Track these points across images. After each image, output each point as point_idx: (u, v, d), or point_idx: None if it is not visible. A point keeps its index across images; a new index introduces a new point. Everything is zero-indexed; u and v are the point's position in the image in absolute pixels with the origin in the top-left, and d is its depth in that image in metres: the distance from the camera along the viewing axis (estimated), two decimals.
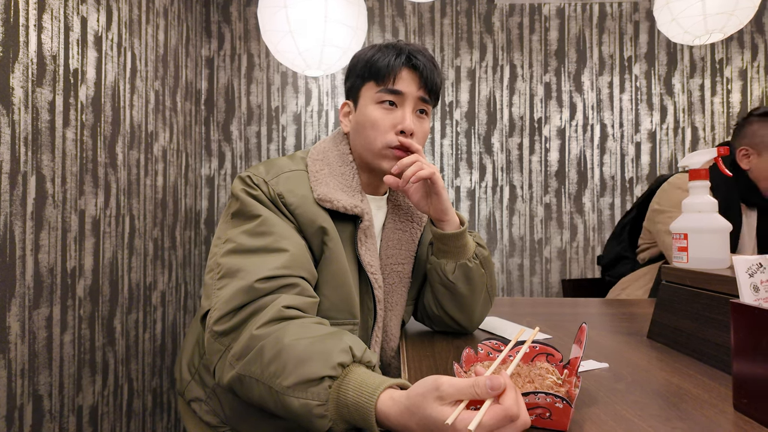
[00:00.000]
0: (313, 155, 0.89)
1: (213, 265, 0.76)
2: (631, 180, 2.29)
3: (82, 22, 1.45)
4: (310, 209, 0.80)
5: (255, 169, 0.85)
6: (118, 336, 1.62)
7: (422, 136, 0.87)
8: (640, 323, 1.06)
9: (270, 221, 0.76)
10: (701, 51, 2.29)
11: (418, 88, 0.85)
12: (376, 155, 0.85)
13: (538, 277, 2.28)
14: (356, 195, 0.85)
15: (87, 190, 1.46)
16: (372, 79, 0.86)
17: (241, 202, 0.79)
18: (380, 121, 0.84)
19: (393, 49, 0.86)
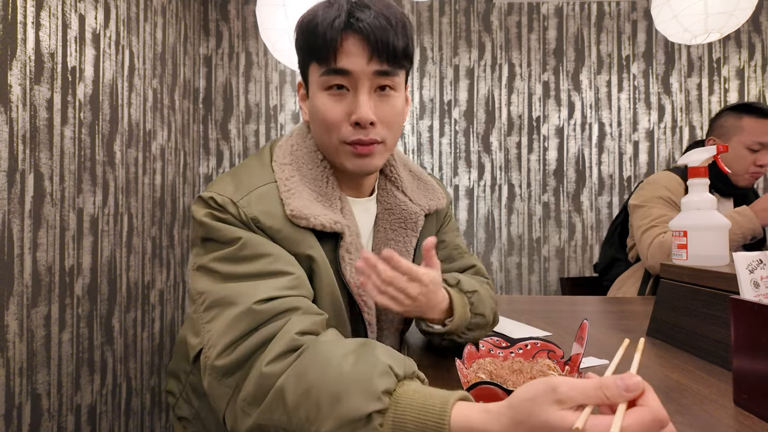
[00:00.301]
0: (279, 158, 0.71)
1: (194, 295, 0.63)
2: (629, 179, 2.30)
3: (80, 19, 1.44)
4: (294, 234, 0.66)
5: (218, 185, 0.67)
6: (116, 335, 1.61)
7: (391, 118, 0.68)
8: (639, 320, 1.06)
9: (253, 242, 0.63)
10: (699, 50, 2.30)
11: (370, 59, 0.64)
12: (333, 153, 0.70)
13: (536, 276, 2.29)
14: (335, 204, 0.71)
15: (85, 188, 1.46)
16: (313, 58, 0.67)
17: (207, 228, 0.64)
18: (329, 112, 0.67)
19: (330, 8, 0.65)
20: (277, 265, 0.61)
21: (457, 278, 0.78)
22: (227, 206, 0.64)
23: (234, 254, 0.61)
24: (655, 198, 1.49)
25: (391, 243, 0.79)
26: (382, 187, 0.81)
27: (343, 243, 0.70)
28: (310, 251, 0.67)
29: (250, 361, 0.55)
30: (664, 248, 1.38)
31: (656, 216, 1.45)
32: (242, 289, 0.58)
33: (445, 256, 0.90)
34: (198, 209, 0.66)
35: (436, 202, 0.84)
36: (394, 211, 0.79)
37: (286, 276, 0.61)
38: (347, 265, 0.71)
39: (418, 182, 0.85)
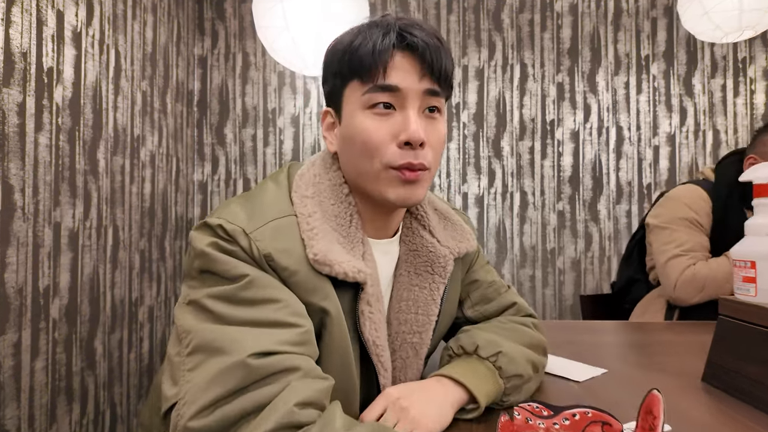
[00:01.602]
0: (300, 189, 0.62)
1: (180, 333, 0.54)
2: (649, 186, 2.16)
3: (58, 16, 1.32)
4: (309, 279, 0.57)
5: (228, 211, 0.58)
6: (99, 358, 1.49)
7: (437, 144, 0.61)
8: (686, 358, 0.93)
9: (261, 282, 0.53)
10: (723, 49, 2.17)
11: (421, 77, 0.59)
12: (373, 181, 0.60)
13: (550, 289, 2.15)
14: (357, 247, 0.62)
15: (63, 200, 1.33)
16: (355, 76, 0.60)
17: (209, 260, 0.55)
18: (374, 133, 0.58)
19: (378, 28, 0.59)
20: (285, 313, 0.52)
21: (475, 341, 0.67)
22: (237, 237, 0.55)
23: (235, 293, 0.52)
24: (678, 219, 1.34)
25: (414, 289, 0.68)
26: (407, 225, 0.71)
27: (363, 294, 0.60)
28: (325, 303, 0.57)
29: (233, 431, 0.46)
30: (696, 283, 1.24)
31: (682, 242, 1.30)
32: (237, 336, 0.49)
33: (480, 298, 0.79)
34: (200, 237, 0.56)
35: (466, 245, 0.73)
36: (420, 253, 0.69)
37: (292, 328, 0.52)
38: (366, 319, 0.61)
39: (445, 222, 0.74)
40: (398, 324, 0.67)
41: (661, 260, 1.32)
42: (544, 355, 0.75)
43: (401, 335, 0.67)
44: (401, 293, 0.68)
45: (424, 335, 0.68)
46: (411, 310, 0.67)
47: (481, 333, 0.69)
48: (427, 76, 0.59)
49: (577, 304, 2.14)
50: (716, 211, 1.33)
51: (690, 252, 1.28)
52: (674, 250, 1.30)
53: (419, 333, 0.67)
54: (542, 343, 0.75)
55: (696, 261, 1.27)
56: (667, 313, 1.36)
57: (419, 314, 0.67)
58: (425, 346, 0.69)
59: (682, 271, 1.27)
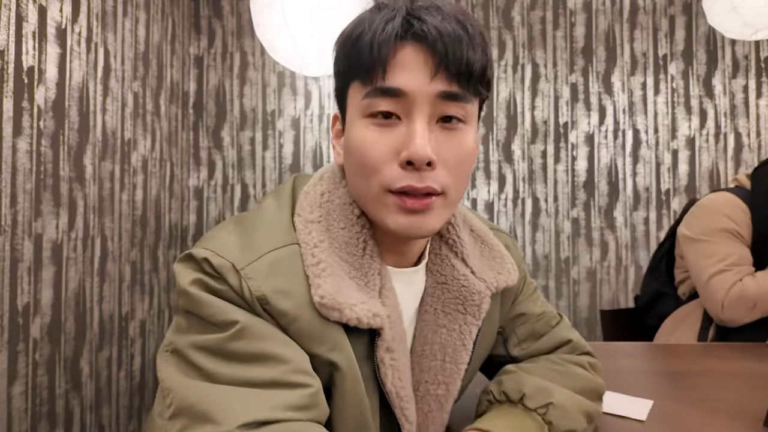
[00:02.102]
0: (305, 212, 0.51)
1: (162, 387, 0.45)
2: (668, 192, 2.06)
3: (41, 11, 1.22)
4: (314, 326, 0.46)
5: (217, 239, 0.48)
6: (85, 379, 1.39)
7: (455, 163, 0.48)
8: (738, 392, 0.82)
9: (253, 331, 0.44)
10: (744, 48, 2.06)
11: (433, 76, 0.45)
12: (372, 205, 0.49)
13: (564, 301, 2.05)
14: (372, 282, 0.50)
15: (45, 210, 1.23)
16: (355, 76, 0.48)
17: (192, 301, 0.45)
18: (372, 147, 0.47)
19: (383, 11, 0.47)
20: (284, 371, 0.43)
21: (522, 388, 0.56)
22: (226, 274, 0.45)
23: (223, 345, 0.43)
24: (717, 231, 1.22)
25: (442, 331, 0.56)
26: (435, 251, 0.59)
27: (381, 341, 0.49)
28: (334, 355, 0.47)
29: None
30: (745, 301, 1.13)
31: (725, 256, 1.18)
32: (226, 399, 0.40)
33: (528, 333, 0.67)
34: (184, 272, 0.47)
35: (506, 278, 0.60)
36: (450, 287, 0.56)
37: (295, 389, 0.42)
38: (388, 368, 0.50)
39: (482, 248, 0.62)
40: (420, 372, 0.56)
41: (703, 277, 1.21)
42: (599, 401, 0.64)
43: (424, 385, 0.56)
44: (426, 334, 0.56)
45: (451, 386, 0.56)
46: (437, 357, 0.56)
47: (528, 378, 0.58)
48: (442, 74, 0.45)
49: (592, 317, 2.03)
50: (757, 222, 1.22)
51: (735, 266, 1.17)
52: (718, 264, 1.18)
53: (445, 384, 0.56)
54: (599, 389, 0.64)
55: (743, 277, 1.16)
56: (701, 331, 1.25)
57: (446, 362, 0.55)
58: (451, 399, 0.57)
59: (728, 289, 1.16)
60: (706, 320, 1.27)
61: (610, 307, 2.04)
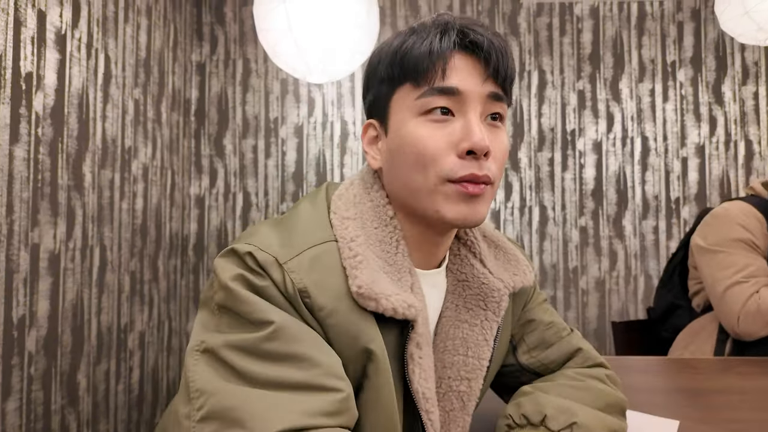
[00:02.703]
0: (341, 210, 0.54)
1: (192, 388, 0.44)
2: (678, 200, 2.02)
3: (40, 16, 1.20)
4: (350, 318, 0.48)
5: (259, 236, 0.50)
6: (82, 393, 1.35)
7: (501, 156, 0.53)
8: (764, 412, 0.78)
9: (289, 332, 0.45)
10: (754, 55, 2.04)
11: (484, 79, 0.52)
12: (427, 197, 0.52)
13: (573, 312, 2.01)
14: (405, 278, 0.52)
15: (42, 219, 1.20)
16: (408, 79, 0.52)
17: (232, 296, 0.46)
18: (430, 141, 0.51)
19: (434, 27, 0.53)
20: (318, 373, 0.44)
21: (542, 410, 0.54)
22: (269, 268, 0.47)
23: (258, 345, 0.44)
24: (732, 241, 1.18)
25: (464, 326, 0.58)
26: (454, 252, 0.62)
27: (413, 335, 0.51)
28: (371, 344, 0.48)
29: None
30: (763, 314, 1.09)
31: (741, 267, 1.15)
32: (261, 405, 0.41)
33: (538, 341, 0.67)
34: (226, 266, 0.49)
35: (522, 278, 0.62)
36: (470, 285, 0.59)
37: (327, 393, 0.43)
38: (416, 365, 0.51)
39: (496, 251, 0.64)
40: (443, 368, 0.57)
41: (718, 289, 1.17)
42: (623, 417, 0.62)
43: (446, 381, 0.56)
44: (447, 330, 0.58)
45: (474, 383, 0.57)
46: (459, 352, 0.57)
47: (548, 398, 0.57)
48: (491, 78, 0.52)
49: (601, 328, 1.99)
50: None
51: (752, 278, 1.13)
52: (734, 276, 1.14)
53: (468, 380, 0.57)
54: (622, 403, 0.61)
55: (761, 288, 1.12)
56: (717, 345, 1.21)
57: (469, 356, 0.57)
58: (474, 398, 0.57)
59: (745, 302, 1.12)
60: (723, 333, 1.23)
61: (619, 318, 2.00)
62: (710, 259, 1.20)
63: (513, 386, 0.66)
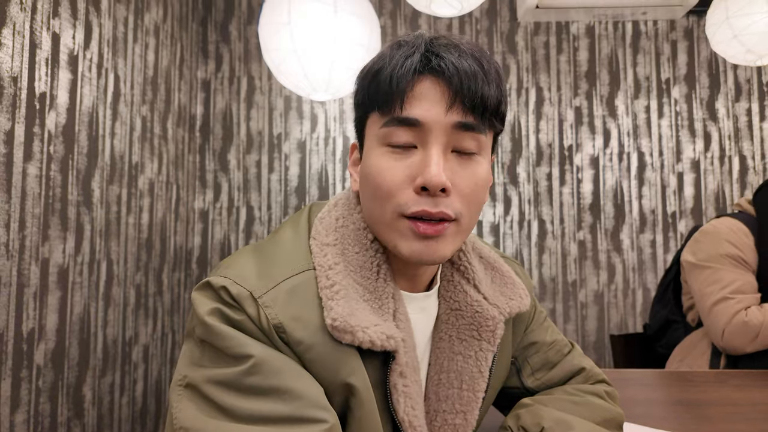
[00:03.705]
0: (320, 236, 0.53)
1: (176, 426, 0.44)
2: (674, 214, 2.05)
3: (54, 38, 1.24)
4: (329, 352, 0.47)
5: (235, 267, 0.49)
6: (87, 405, 1.36)
7: (469, 190, 0.49)
8: (764, 424, 0.80)
9: (269, 366, 0.44)
10: (747, 73, 2.09)
11: (449, 107, 0.48)
12: (386, 231, 0.50)
13: (572, 325, 2.03)
14: (386, 305, 0.51)
15: (53, 234, 1.23)
16: (375, 106, 0.50)
17: (209, 331, 0.45)
18: (387, 173, 0.49)
19: (403, 48, 0.50)
20: (301, 405, 0.43)
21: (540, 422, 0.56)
22: (244, 303, 0.46)
23: (240, 380, 0.43)
24: (720, 257, 1.21)
25: (458, 359, 0.56)
26: (447, 277, 0.59)
27: (395, 365, 0.49)
28: (351, 378, 0.47)
29: None
30: (749, 331, 1.11)
31: (728, 283, 1.17)
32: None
33: (542, 363, 0.66)
34: (202, 300, 0.47)
35: (518, 303, 0.60)
36: (463, 313, 0.57)
37: (313, 425, 0.42)
38: (401, 395, 0.50)
39: (493, 274, 0.62)
40: (437, 401, 0.56)
41: (706, 304, 1.19)
42: (619, 431, 0.63)
43: (441, 414, 0.55)
44: (442, 362, 0.56)
45: (469, 415, 0.56)
46: (454, 385, 0.56)
47: (546, 410, 0.58)
48: (457, 106, 0.48)
49: (600, 341, 2.01)
50: (762, 247, 1.21)
51: (738, 294, 1.16)
52: (721, 292, 1.17)
53: (463, 413, 0.55)
54: (619, 418, 0.63)
55: (747, 305, 1.15)
56: (712, 360, 1.23)
57: (463, 390, 0.55)
58: (470, 428, 0.57)
59: (731, 318, 1.14)
60: (717, 347, 1.25)
61: (618, 331, 2.02)
62: (699, 275, 1.23)
63: (514, 403, 0.66)
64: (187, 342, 0.48)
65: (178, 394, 0.45)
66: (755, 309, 1.14)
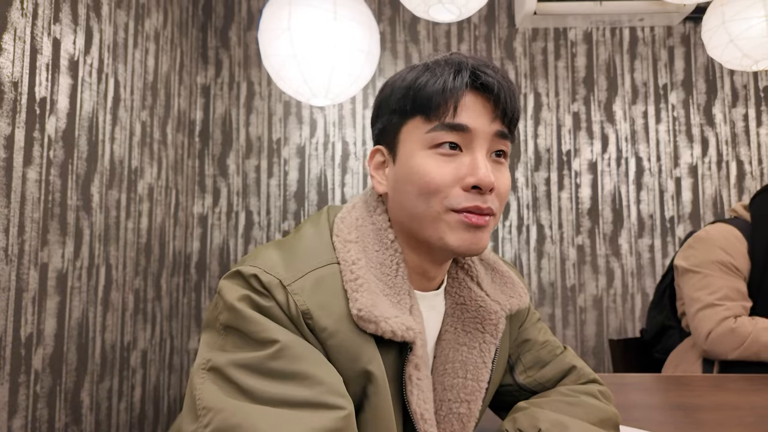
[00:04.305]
0: (343, 233, 0.56)
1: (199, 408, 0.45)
2: (672, 219, 2.06)
3: (55, 44, 1.25)
4: (351, 340, 0.50)
5: (263, 258, 0.52)
6: (85, 411, 1.36)
7: (504, 191, 0.56)
8: (760, 428, 0.81)
9: (293, 351, 0.46)
10: (743, 78, 2.10)
11: (493, 119, 0.54)
12: (431, 225, 0.54)
13: (571, 330, 2.03)
14: (404, 300, 0.54)
15: (52, 239, 1.23)
16: (419, 112, 0.55)
17: (238, 316, 0.48)
18: (437, 173, 0.53)
19: (448, 65, 0.55)
20: (321, 391, 0.45)
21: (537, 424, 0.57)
22: (274, 290, 0.49)
23: (263, 363, 0.46)
24: (711, 263, 1.21)
25: (463, 349, 0.60)
26: (452, 275, 0.64)
27: (412, 357, 0.53)
28: (371, 366, 0.50)
29: None
30: (735, 338, 1.11)
31: (716, 289, 1.18)
32: (264, 422, 0.42)
33: (534, 361, 0.70)
34: (232, 287, 0.50)
35: (518, 300, 0.64)
36: (468, 307, 0.61)
37: (330, 411, 0.44)
38: (415, 387, 0.53)
39: (493, 274, 0.66)
40: (443, 390, 0.58)
41: (693, 309, 1.20)
42: (615, 431, 0.64)
43: (446, 403, 0.58)
44: (447, 353, 0.60)
45: (473, 405, 0.58)
46: (459, 374, 0.59)
47: (542, 412, 0.59)
48: (499, 118, 0.55)
49: (599, 346, 2.01)
50: (756, 253, 1.21)
51: (726, 301, 1.16)
52: (708, 297, 1.17)
53: (467, 402, 0.58)
54: (614, 418, 0.64)
55: (735, 313, 1.15)
56: (704, 367, 1.23)
57: (468, 379, 0.59)
58: (473, 419, 0.59)
59: (717, 323, 1.14)
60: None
61: (617, 335, 2.02)
62: (689, 280, 1.24)
63: (510, 404, 0.68)
64: (207, 332, 0.51)
65: (201, 377, 0.47)
66: (746, 319, 1.14)
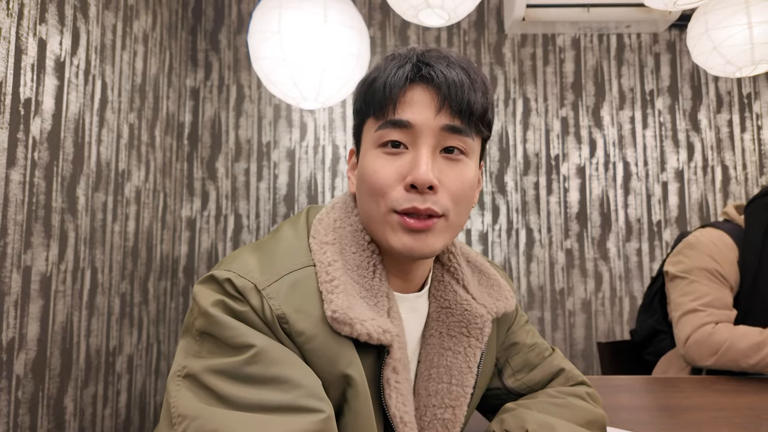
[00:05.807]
0: (320, 235, 0.55)
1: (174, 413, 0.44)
2: (659, 223, 2.08)
3: (40, 44, 1.23)
4: (329, 343, 0.48)
5: (238, 262, 0.51)
6: (69, 417, 1.33)
7: (457, 189, 0.52)
8: (745, 428, 0.81)
9: (269, 356, 0.45)
10: (727, 85, 2.14)
11: (437, 111, 0.51)
12: (379, 226, 0.53)
13: (560, 333, 2.03)
14: (381, 303, 0.53)
15: (35, 242, 1.21)
16: (370, 111, 0.54)
17: (213, 322, 0.47)
18: (382, 173, 0.52)
19: (395, 60, 0.54)
20: (298, 395, 0.44)
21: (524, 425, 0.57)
22: (248, 294, 0.48)
23: (239, 369, 0.44)
24: (698, 270, 1.21)
25: (448, 354, 0.58)
26: (437, 278, 0.62)
27: (389, 360, 0.51)
28: (349, 370, 0.49)
29: None
30: (711, 344, 1.10)
31: (701, 295, 1.17)
32: (242, 427, 0.41)
33: (522, 364, 0.69)
34: (205, 293, 0.49)
35: (504, 304, 0.63)
36: (453, 311, 0.59)
37: (310, 414, 0.43)
38: (393, 390, 0.51)
39: (480, 276, 0.65)
40: (427, 395, 0.57)
41: (677, 313, 1.20)
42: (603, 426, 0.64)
43: (431, 409, 0.57)
44: (432, 358, 0.58)
45: (458, 410, 0.57)
46: (443, 380, 0.57)
47: (530, 414, 0.59)
48: (446, 110, 0.52)
49: (588, 349, 2.02)
50: (747, 260, 1.21)
51: (709, 307, 1.16)
52: (691, 303, 1.18)
53: (452, 408, 0.57)
54: (601, 419, 0.64)
55: (716, 320, 1.15)
56: (692, 371, 1.23)
57: (453, 384, 0.57)
58: (458, 425, 0.58)
59: (696, 328, 1.14)
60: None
61: (605, 338, 2.03)
62: (675, 285, 1.24)
63: (498, 407, 0.68)
64: (185, 337, 0.49)
65: (176, 384, 0.46)
66: (724, 326, 1.13)
